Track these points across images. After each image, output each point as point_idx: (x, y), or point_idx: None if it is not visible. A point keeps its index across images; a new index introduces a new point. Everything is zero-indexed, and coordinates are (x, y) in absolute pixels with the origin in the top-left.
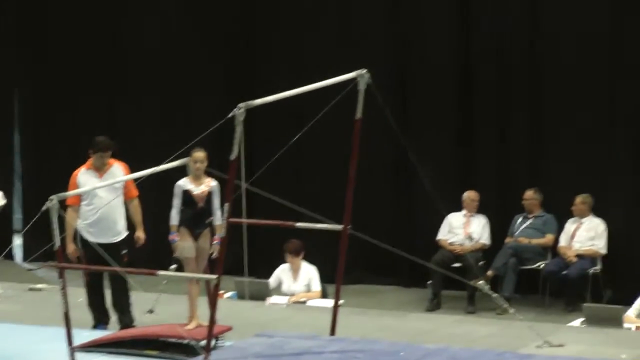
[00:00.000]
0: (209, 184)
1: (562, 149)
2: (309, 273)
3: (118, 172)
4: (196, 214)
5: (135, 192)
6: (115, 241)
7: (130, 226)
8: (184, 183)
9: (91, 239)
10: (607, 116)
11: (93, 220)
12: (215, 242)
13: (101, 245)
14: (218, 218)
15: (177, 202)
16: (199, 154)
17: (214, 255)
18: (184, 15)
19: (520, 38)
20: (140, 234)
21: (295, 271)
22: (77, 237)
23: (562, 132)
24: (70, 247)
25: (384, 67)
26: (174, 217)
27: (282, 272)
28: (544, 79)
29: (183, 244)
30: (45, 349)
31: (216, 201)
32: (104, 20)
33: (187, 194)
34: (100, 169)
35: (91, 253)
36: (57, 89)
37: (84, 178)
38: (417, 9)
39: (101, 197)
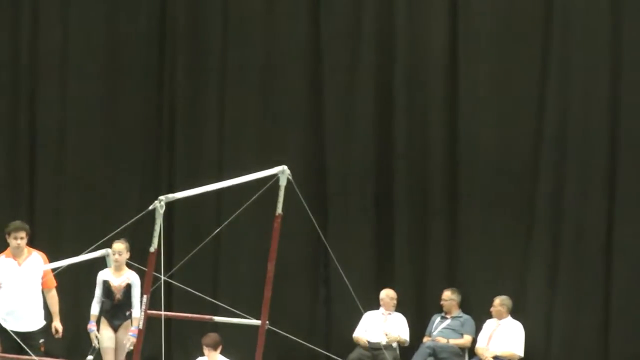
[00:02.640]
0: (129, 276)
1: (480, 250)
2: None
3: (37, 261)
4: (115, 306)
5: (53, 282)
6: (33, 330)
7: (47, 316)
8: (105, 274)
9: (8, 327)
10: (525, 219)
11: (11, 309)
12: (130, 333)
13: (18, 333)
14: (137, 310)
15: (98, 292)
16: (119, 246)
17: (128, 347)
18: (104, 105)
19: (439, 134)
20: (57, 325)
21: None
22: None
23: (481, 234)
24: None
25: (304, 163)
26: (94, 306)
27: None
28: (463, 178)
29: (102, 334)
30: None
31: (136, 293)
32: (23, 111)
33: (106, 285)
34: (19, 257)
35: (8, 341)
36: None
37: (3, 266)
38: (339, 103)
39: (19, 285)
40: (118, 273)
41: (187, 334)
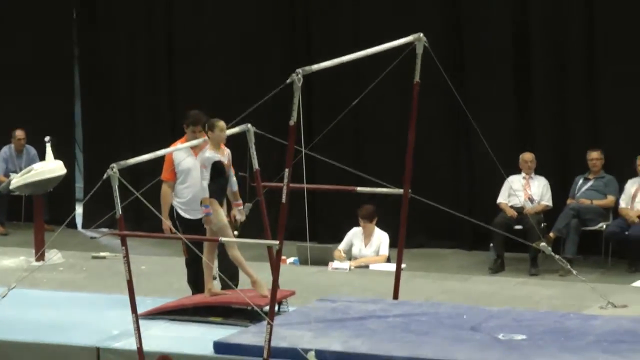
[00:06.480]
0: (228, 152)
1: (621, 108)
2: (381, 239)
3: None
4: (224, 185)
5: None
6: None
7: None
8: (212, 155)
9: (187, 216)
10: None
11: (189, 199)
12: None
13: (197, 221)
14: (235, 184)
15: (206, 175)
16: (222, 123)
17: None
18: None
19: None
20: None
21: (367, 236)
22: (174, 214)
23: (621, 91)
24: (166, 224)
25: (440, 31)
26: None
27: (354, 236)
28: (602, 36)
29: (219, 212)
30: (109, 317)
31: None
32: None
33: (219, 165)
34: (195, 146)
35: (187, 230)
36: (116, 57)
37: (180, 155)
38: None
39: (196, 175)
40: (220, 151)
41: (330, 207)
